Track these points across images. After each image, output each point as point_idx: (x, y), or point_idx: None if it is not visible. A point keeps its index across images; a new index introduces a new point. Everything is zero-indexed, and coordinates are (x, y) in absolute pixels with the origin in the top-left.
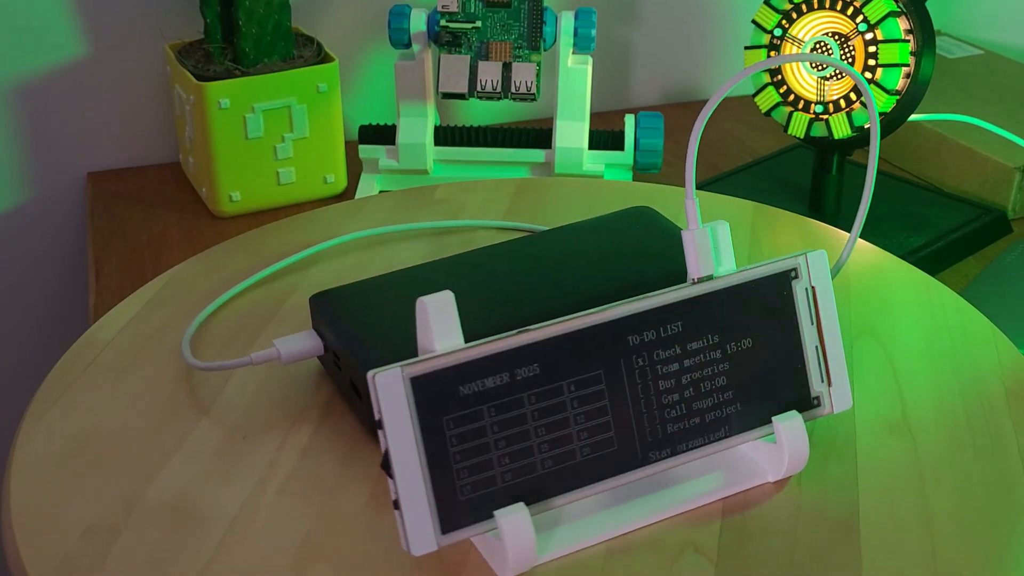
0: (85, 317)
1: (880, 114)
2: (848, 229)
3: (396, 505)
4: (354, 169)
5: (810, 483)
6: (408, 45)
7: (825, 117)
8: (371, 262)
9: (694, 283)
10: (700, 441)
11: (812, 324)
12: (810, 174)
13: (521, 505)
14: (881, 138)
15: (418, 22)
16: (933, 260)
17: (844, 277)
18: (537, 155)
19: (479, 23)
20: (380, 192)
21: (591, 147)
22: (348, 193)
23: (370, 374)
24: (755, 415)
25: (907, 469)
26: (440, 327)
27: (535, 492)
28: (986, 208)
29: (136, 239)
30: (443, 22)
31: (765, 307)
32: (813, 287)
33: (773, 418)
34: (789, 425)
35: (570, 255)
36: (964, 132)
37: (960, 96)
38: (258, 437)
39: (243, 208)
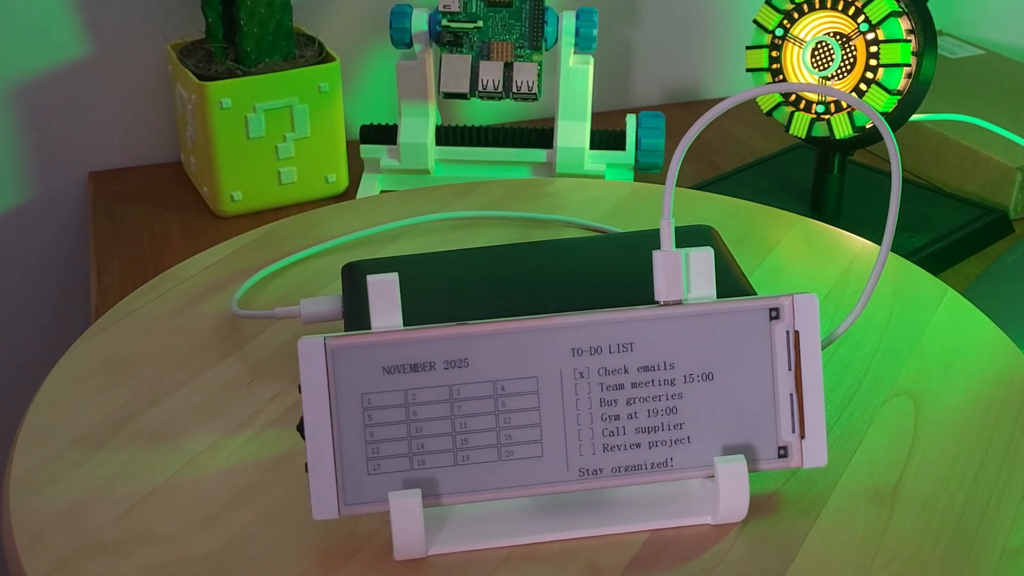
0: (87, 317)
1: (882, 114)
2: (849, 229)
3: (306, 469)
4: (355, 169)
5: (750, 535)
6: (409, 45)
7: (827, 117)
8: (451, 242)
9: (659, 306)
10: (638, 467)
11: (789, 370)
12: (811, 174)
13: (416, 492)
14: (882, 138)
15: (419, 22)
16: (935, 260)
17: (914, 330)
18: (538, 155)
19: (480, 23)
20: (494, 180)
21: (592, 147)
22: (349, 193)
23: (300, 340)
24: (706, 452)
25: (863, 543)
26: (379, 307)
27: (447, 484)
28: (988, 208)
29: (137, 239)
30: (444, 22)
31: (736, 343)
32: (796, 331)
33: (715, 459)
34: (730, 469)
35: (605, 263)
36: (966, 132)
37: (962, 96)
38: (261, 385)
39: (244, 208)
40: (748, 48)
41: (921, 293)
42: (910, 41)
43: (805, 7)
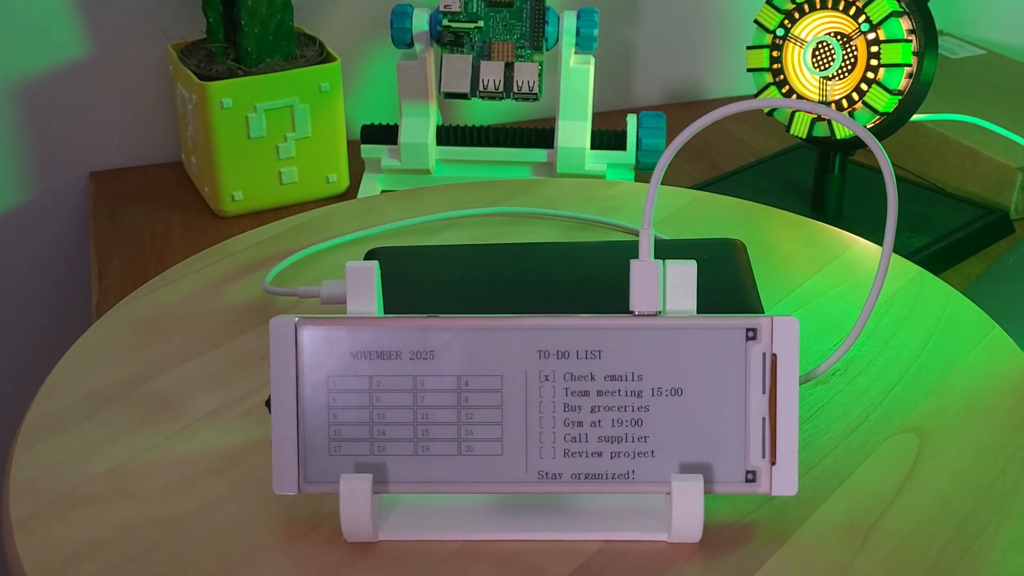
0: (87, 317)
1: (882, 114)
2: (849, 229)
3: (271, 444)
4: (356, 168)
5: (705, 557)
6: (410, 45)
7: (827, 117)
8: (495, 237)
9: (632, 316)
10: (599, 476)
11: (764, 393)
12: (812, 174)
13: (367, 476)
14: (883, 138)
15: (420, 22)
16: (936, 260)
17: (945, 365)
18: (539, 155)
19: (481, 23)
20: (561, 176)
21: (593, 147)
22: (350, 193)
23: (272, 319)
24: (669, 468)
25: None
26: (357, 293)
27: (405, 472)
28: (988, 208)
29: (138, 239)
30: (445, 22)
31: (709, 361)
32: (774, 354)
33: (672, 476)
34: (685, 487)
35: (614, 268)
36: (967, 132)
37: (962, 96)
38: None
39: (245, 208)
40: (749, 48)
41: (964, 327)
42: (911, 41)
43: (806, 7)
